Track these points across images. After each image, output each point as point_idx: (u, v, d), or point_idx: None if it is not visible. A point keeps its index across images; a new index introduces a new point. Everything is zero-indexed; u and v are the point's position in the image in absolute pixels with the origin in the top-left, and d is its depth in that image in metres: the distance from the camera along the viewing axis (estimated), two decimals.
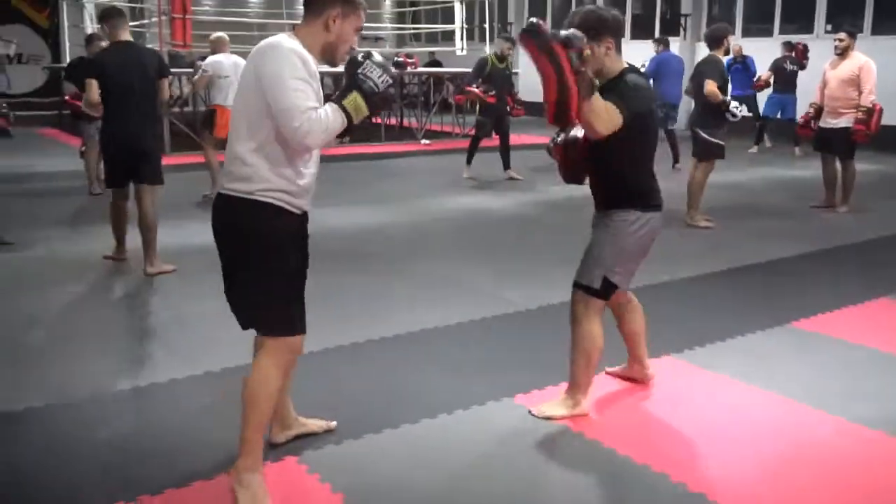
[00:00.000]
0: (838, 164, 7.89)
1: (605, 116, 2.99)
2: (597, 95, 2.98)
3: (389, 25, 21.38)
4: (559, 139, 3.40)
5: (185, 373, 3.83)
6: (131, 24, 17.70)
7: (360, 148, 12.19)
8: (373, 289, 5.21)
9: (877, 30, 14.04)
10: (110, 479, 2.93)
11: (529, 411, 3.40)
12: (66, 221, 7.25)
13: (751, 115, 11.25)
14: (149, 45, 15.92)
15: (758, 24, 15.73)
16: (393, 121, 14.65)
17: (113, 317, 4.75)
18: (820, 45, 14.16)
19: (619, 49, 3.18)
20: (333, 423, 3.24)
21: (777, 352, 4.22)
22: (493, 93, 9.36)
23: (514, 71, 9.44)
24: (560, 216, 7.70)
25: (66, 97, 7.16)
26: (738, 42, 14.45)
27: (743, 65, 12.33)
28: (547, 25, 2.93)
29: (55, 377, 3.81)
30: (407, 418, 3.35)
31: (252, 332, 2.87)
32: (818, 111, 7.84)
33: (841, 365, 4.04)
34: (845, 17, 14.67)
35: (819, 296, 5.15)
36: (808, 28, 14.79)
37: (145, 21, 16.32)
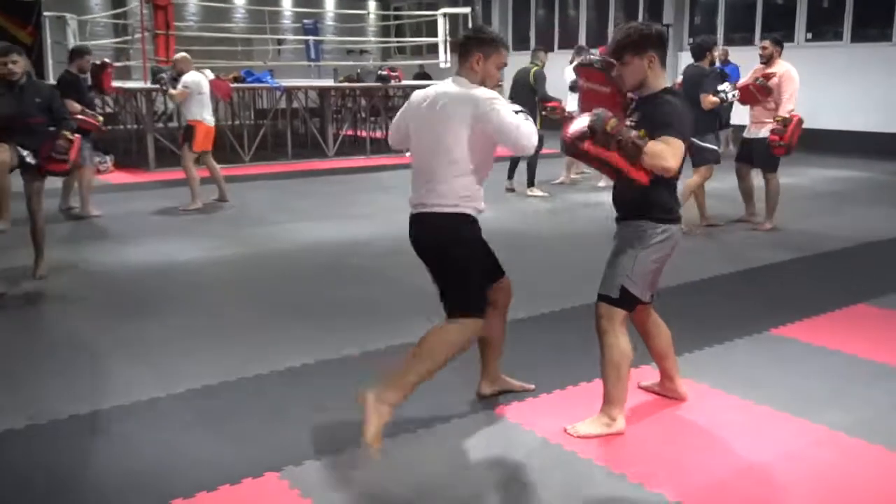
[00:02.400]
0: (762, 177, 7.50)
1: (670, 153, 3.04)
2: (650, 143, 3.03)
3: (374, 39, 21.43)
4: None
5: (166, 391, 3.82)
6: (115, 40, 17.77)
7: (346, 162, 12.22)
8: (359, 302, 5.22)
9: (856, 38, 14.21)
10: (89, 499, 2.92)
11: (565, 429, 3.35)
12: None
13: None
14: (132, 62, 15.97)
15: (739, 33, 15.89)
16: (379, 134, 14.68)
17: (92, 333, 4.73)
18: (800, 54, 14.33)
19: (663, 64, 3.24)
20: (532, 386, 3.75)
21: (757, 360, 4.24)
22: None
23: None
24: (550, 227, 7.73)
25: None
26: (718, 50, 14.60)
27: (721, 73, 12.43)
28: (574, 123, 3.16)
29: (34, 397, 3.79)
30: (387, 432, 3.36)
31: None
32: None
33: (822, 372, 4.07)
34: (825, 25, 14.85)
35: (797, 302, 5.19)
36: (789, 37, 14.94)
37: (128, 37, 16.30)
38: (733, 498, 2.91)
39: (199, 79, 8.54)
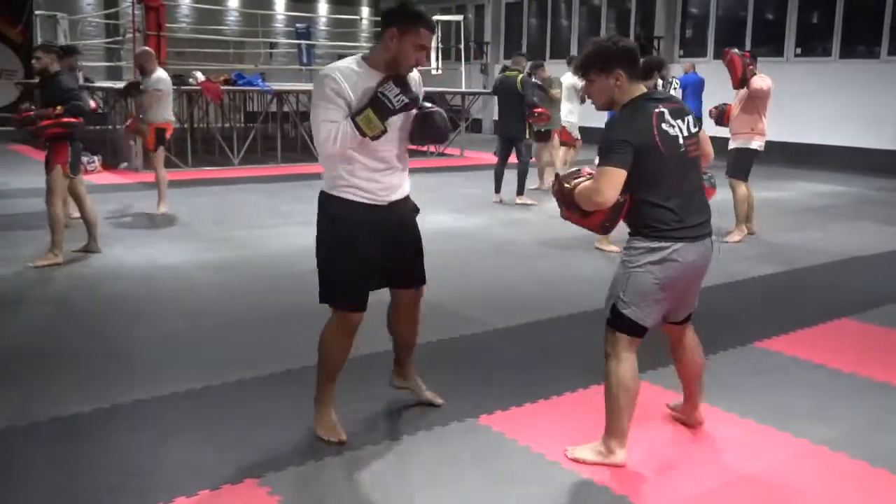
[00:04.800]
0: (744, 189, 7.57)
1: (594, 188, 2.98)
2: (579, 187, 3.07)
3: (366, 44, 21.43)
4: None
5: (150, 393, 3.80)
6: (106, 40, 17.72)
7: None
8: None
9: (845, 54, 14.32)
10: (66, 501, 2.89)
11: (565, 451, 3.26)
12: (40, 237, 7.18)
13: None
14: (123, 62, 15.92)
15: (729, 48, 15.97)
16: None
17: (76, 335, 4.70)
18: (790, 69, 14.44)
19: (633, 79, 3.05)
20: (440, 401, 3.66)
21: (740, 373, 4.25)
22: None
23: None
24: (532, 236, 7.74)
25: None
26: (710, 65, 14.74)
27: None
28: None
29: (17, 397, 3.75)
30: (368, 440, 3.35)
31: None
32: None
33: (805, 385, 4.08)
34: (814, 41, 14.96)
35: (781, 316, 5.21)
36: (778, 51, 15.04)
37: (119, 38, 16.25)
38: None
39: (164, 76, 8.32)
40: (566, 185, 3.16)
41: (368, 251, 3.17)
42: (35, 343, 4.57)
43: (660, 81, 7.23)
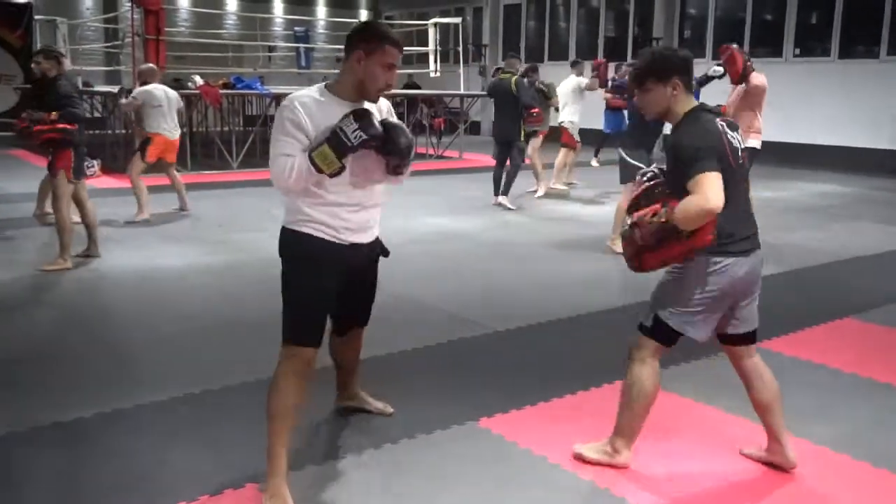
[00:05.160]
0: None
1: (701, 199, 2.75)
2: (677, 208, 2.80)
3: None
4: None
5: (151, 398, 3.79)
6: (105, 44, 17.73)
7: None
8: None
9: (844, 54, 14.33)
10: None
11: (573, 448, 3.25)
12: (47, 243, 7.17)
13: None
14: (122, 67, 15.93)
15: (728, 43, 15.98)
16: None
17: (77, 339, 4.69)
18: (789, 69, 14.45)
19: (688, 89, 3.00)
20: (391, 410, 3.60)
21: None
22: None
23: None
24: (530, 238, 7.74)
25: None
26: (709, 64, 14.72)
27: None
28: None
29: (18, 402, 3.75)
30: (369, 444, 3.34)
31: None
32: None
33: (806, 386, 4.07)
34: (813, 41, 14.96)
35: (782, 316, 5.20)
36: (777, 52, 15.05)
37: (118, 42, 16.25)
38: None
39: (150, 89, 8.44)
40: (649, 222, 2.88)
41: (329, 287, 3.01)
42: (35, 348, 4.56)
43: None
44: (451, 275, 6.32)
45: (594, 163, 13.37)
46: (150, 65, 9.24)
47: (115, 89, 12.63)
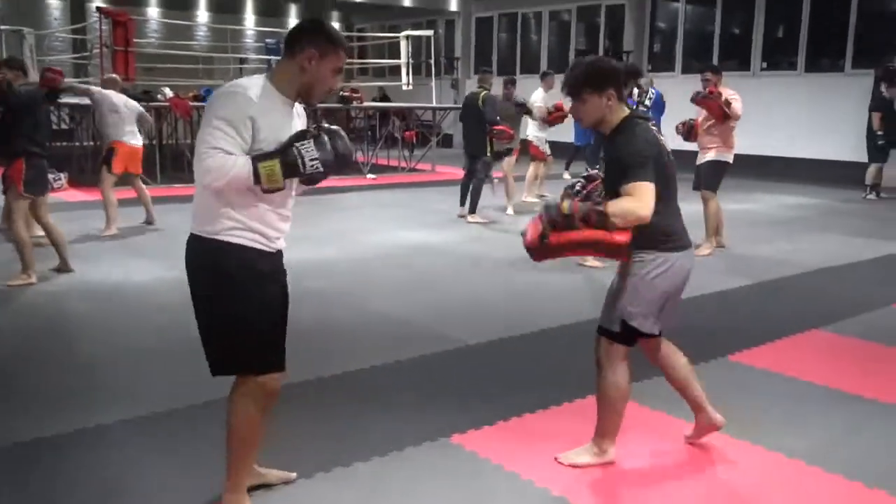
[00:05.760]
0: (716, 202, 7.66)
1: (635, 203, 2.92)
2: (612, 205, 2.93)
3: None
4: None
5: (118, 416, 3.71)
6: (73, 55, 17.52)
7: None
8: (319, 325, 5.14)
9: (810, 68, 14.54)
10: None
11: (556, 458, 3.29)
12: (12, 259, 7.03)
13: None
14: (90, 78, 15.76)
15: (697, 62, 16.18)
16: None
17: (39, 356, 4.59)
18: (756, 83, 14.64)
19: (619, 98, 3.09)
20: (293, 475, 3.13)
21: (713, 386, 4.23)
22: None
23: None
24: (503, 251, 7.73)
25: None
26: (677, 78, 14.90)
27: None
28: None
29: None
30: (339, 461, 3.29)
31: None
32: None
33: (778, 398, 4.09)
34: (780, 55, 15.18)
35: (752, 328, 5.23)
36: (745, 65, 15.24)
37: (87, 53, 16.08)
38: None
39: (110, 95, 8.28)
40: (578, 210, 2.95)
41: (277, 299, 2.76)
42: (5, 362, 4.45)
43: (636, 90, 7.25)
44: (424, 289, 6.28)
45: (566, 175, 13.43)
46: (114, 75, 9.15)
47: (87, 101, 12.47)
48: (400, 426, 3.63)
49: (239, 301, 2.66)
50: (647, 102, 7.88)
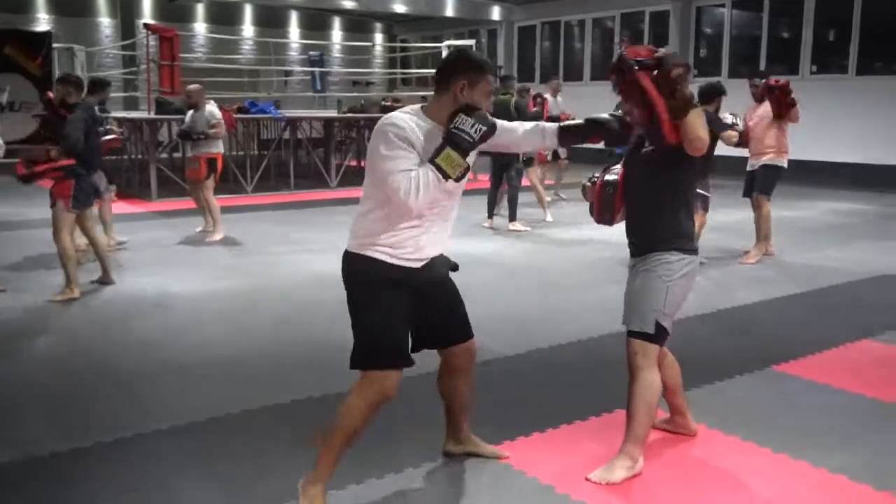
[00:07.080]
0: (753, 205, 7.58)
1: (703, 128, 3.01)
2: (693, 111, 3.02)
3: (379, 70, 21.56)
4: (596, 179, 3.44)
5: (157, 427, 3.74)
6: (123, 71, 17.90)
7: (348, 192, 12.19)
8: (333, 337, 5.12)
9: (861, 71, 14.20)
10: None
11: (587, 478, 3.21)
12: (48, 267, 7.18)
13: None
14: (139, 93, 16.10)
15: (744, 66, 15.90)
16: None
17: (84, 369, 4.66)
18: (806, 86, 14.32)
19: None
20: (507, 454, 3.41)
21: (757, 398, 4.13)
22: None
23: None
24: (535, 261, 7.66)
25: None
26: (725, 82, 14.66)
27: None
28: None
29: (14, 432, 3.71)
30: (372, 474, 3.27)
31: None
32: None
33: (825, 412, 3.96)
34: (830, 58, 14.85)
35: (800, 338, 5.09)
36: (794, 70, 14.94)
37: (135, 68, 16.42)
38: None
39: (214, 111, 8.91)
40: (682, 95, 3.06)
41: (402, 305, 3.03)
42: (42, 378, 4.53)
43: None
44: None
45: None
46: (198, 86, 9.35)
47: (136, 115, 12.71)
48: (433, 437, 3.58)
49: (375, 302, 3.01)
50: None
